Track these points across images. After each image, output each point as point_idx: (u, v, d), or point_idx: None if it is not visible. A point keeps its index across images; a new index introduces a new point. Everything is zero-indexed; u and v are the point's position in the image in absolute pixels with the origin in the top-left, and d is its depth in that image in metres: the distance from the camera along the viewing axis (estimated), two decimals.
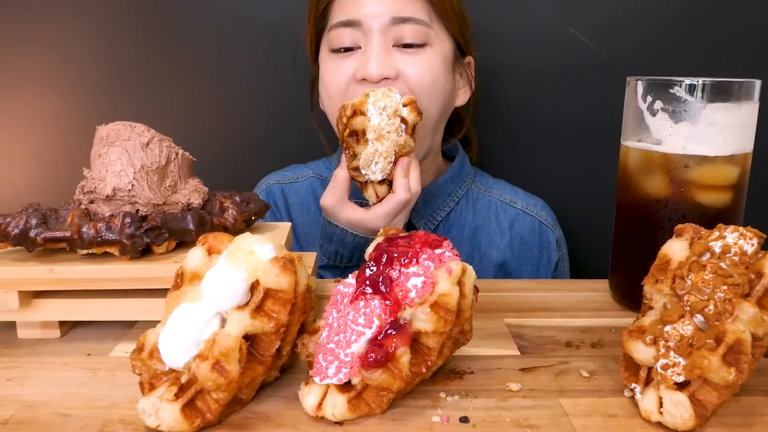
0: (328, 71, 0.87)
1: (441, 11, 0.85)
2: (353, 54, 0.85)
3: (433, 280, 0.45)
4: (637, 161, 0.62)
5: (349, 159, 0.76)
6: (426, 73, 0.84)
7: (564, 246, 0.99)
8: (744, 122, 0.60)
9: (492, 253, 0.96)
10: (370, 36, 0.83)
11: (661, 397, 0.43)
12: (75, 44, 1.08)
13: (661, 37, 1.06)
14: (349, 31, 0.84)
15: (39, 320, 0.58)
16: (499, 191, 0.99)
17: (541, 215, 0.98)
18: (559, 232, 0.99)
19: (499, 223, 0.97)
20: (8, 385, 0.50)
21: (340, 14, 0.85)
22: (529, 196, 1.01)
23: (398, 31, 0.83)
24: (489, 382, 0.50)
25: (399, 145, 0.74)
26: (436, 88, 0.86)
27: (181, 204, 0.61)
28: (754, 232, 0.45)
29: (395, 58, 0.83)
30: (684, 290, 0.44)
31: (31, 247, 0.56)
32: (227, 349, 0.42)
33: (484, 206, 0.98)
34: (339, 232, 0.80)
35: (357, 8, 0.83)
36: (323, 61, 0.89)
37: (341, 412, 0.44)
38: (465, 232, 0.96)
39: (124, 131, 0.59)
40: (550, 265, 0.97)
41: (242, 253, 0.44)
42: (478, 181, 1.00)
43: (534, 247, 0.97)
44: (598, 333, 0.59)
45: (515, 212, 0.98)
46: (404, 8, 0.83)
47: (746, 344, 0.42)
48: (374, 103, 0.73)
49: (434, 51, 0.85)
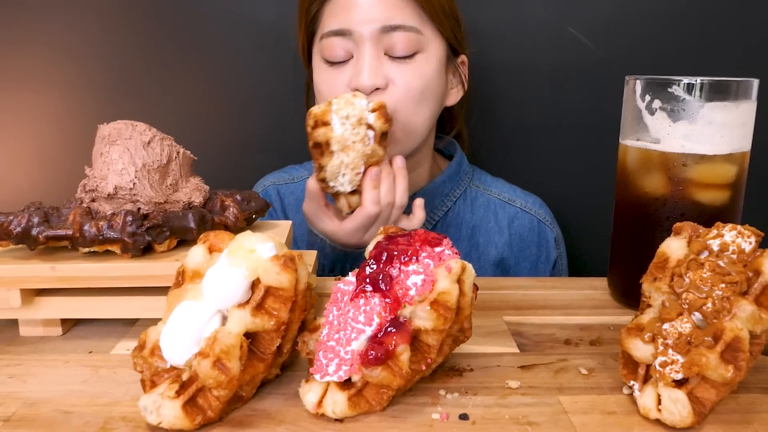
0: (322, 81, 0.87)
1: (432, 14, 0.84)
2: (346, 65, 0.84)
3: (432, 278, 0.45)
4: (636, 160, 0.62)
5: (316, 171, 0.73)
6: (417, 81, 0.83)
7: (562, 244, 0.99)
8: (742, 121, 0.59)
9: (490, 251, 0.96)
10: (362, 46, 0.82)
11: (659, 394, 0.43)
12: (77, 44, 1.07)
13: (660, 36, 1.06)
14: (340, 41, 0.83)
15: (41, 318, 0.58)
16: (498, 189, 0.99)
17: (539, 213, 0.98)
18: (557, 230, 0.99)
19: (497, 222, 0.97)
20: (10, 383, 0.50)
21: (331, 22, 0.84)
22: (527, 194, 1.01)
23: (389, 39, 0.82)
24: (488, 379, 0.50)
25: (366, 155, 0.72)
26: (426, 95, 0.85)
27: (183, 202, 0.61)
28: (751, 230, 0.45)
29: (386, 67, 0.83)
30: (682, 288, 0.44)
31: (33, 245, 0.56)
32: (228, 346, 0.42)
33: (482, 204, 0.98)
34: (319, 242, 0.81)
35: (347, 16, 0.82)
36: (317, 68, 0.88)
37: (341, 410, 0.44)
38: (463, 230, 0.96)
39: (125, 130, 0.59)
40: (549, 263, 0.97)
41: (243, 252, 0.44)
42: (476, 179, 1.00)
43: (532, 245, 0.97)
44: (597, 331, 0.59)
45: (514, 210, 0.98)
46: (394, 16, 0.82)
47: (744, 342, 0.42)
48: (336, 111, 0.70)
49: (426, 57, 0.84)
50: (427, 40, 0.84)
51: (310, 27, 0.89)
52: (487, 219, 0.97)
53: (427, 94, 0.85)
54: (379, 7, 0.82)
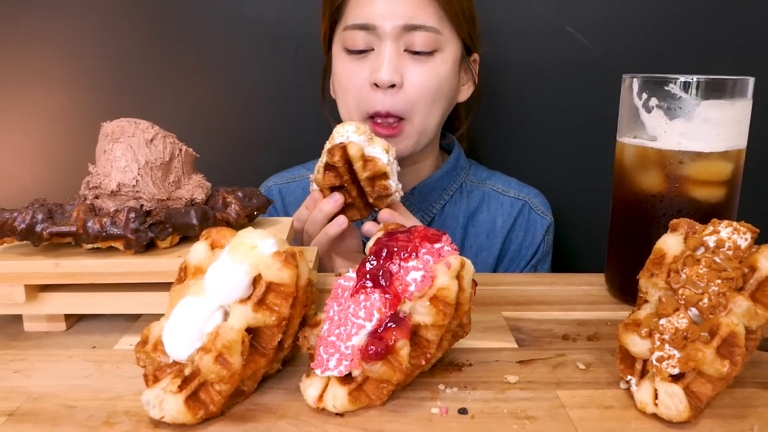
0: (343, 70, 0.88)
1: (452, 16, 0.86)
2: (367, 57, 0.86)
3: (432, 274, 0.44)
4: (633, 157, 0.62)
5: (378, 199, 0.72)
6: (432, 81, 0.86)
7: (551, 233, 0.99)
8: (738, 119, 0.59)
9: (482, 241, 0.97)
10: (383, 41, 0.84)
11: (656, 389, 0.43)
12: (80, 42, 1.07)
13: (657, 36, 1.05)
14: (363, 35, 0.85)
15: (45, 313, 0.57)
16: (492, 182, 1.01)
17: (533, 202, 0.99)
18: (550, 219, 0.99)
19: (490, 212, 0.98)
20: (15, 377, 0.49)
21: (355, 16, 0.86)
22: (523, 185, 1.01)
23: (410, 37, 0.84)
24: (487, 374, 0.50)
25: None
26: (440, 95, 0.87)
27: (185, 199, 0.60)
28: (747, 227, 0.45)
29: (405, 64, 0.85)
30: (679, 284, 0.44)
31: (37, 241, 0.56)
32: (230, 341, 0.42)
33: (477, 197, 0.99)
34: None
35: (372, 12, 0.84)
36: (337, 57, 0.90)
37: (342, 404, 0.44)
38: (459, 222, 0.97)
39: (128, 128, 0.59)
40: (532, 247, 0.98)
41: (245, 248, 0.44)
42: (473, 174, 1.01)
43: (520, 230, 0.98)
44: (595, 326, 0.59)
45: (507, 200, 0.99)
46: (416, 15, 0.84)
47: (740, 337, 0.42)
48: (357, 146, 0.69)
49: (444, 57, 0.87)
50: (445, 40, 0.86)
51: (333, 16, 0.90)
52: (480, 209, 0.98)
53: (441, 93, 0.87)
54: (402, 5, 0.84)
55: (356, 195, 0.72)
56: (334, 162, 0.68)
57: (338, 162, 0.68)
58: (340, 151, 0.68)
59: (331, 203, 0.72)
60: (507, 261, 0.98)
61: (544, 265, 0.99)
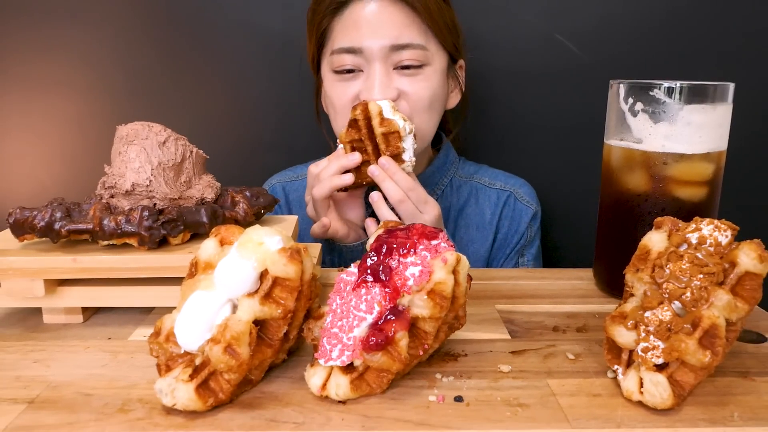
0: (333, 90, 0.87)
1: (437, 32, 0.84)
2: (356, 77, 0.85)
3: (429, 269, 0.44)
4: (620, 159, 0.62)
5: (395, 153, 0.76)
6: (424, 91, 0.84)
7: (537, 222, 0.98)
8: (719, 122, 0.59)
9: (472, 233, 0.96)
10: (372, 62, 0.82)
11: (641, 377, 0.43)
12: (97, 51, 1.07)
13: (642, 43, 1.05)
14: (350, 57, 0.83)
15: (63, 306, 0.57)
16: (479, 175, 1.00)
17: (518, 192, 0.98)
18: (536, 209, 0.98)
19: (478, 205, 0.97)
20: (34, 367, 0.49)
21: (342, 39, 0.84)
22: (510, 176, 1.00)
23: (398, 56, 0.82)
24: (481, 364, 0.50)
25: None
26: (434, 103, 0.86)
27: (196, 198, 0.60)
28: (728, 224, 0.45)
29: (395, 80, 0.83)
30: (663, 278, 0.44)
31: (56, 238, 0.56)
32: (238, 333, 0.42)
33: (465, 191, 0.98)
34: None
35: (358, 35, 0.82)
36: (326, 78, 0.88)
37: (344, 392, 0.44)
38: (450, 216, 0.97)
39: (142, 131, 0.59)
40: (518, 234, 0.97)
41: (252, 244, 0.44)
42: (461, 169, 1.00)
43: (505, 219, 0.97)
44: (583, 318, 0.59)
45: (493, 192, 0.98)
46: (402, 34, 0.82)
47: (721, 329, 0.42)
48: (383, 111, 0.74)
49: (432, 69, 0.85)
50: (432, 54, 0.85)
51: (320, 40, 0.88)
52: (469, 203, 0.98)
53: (435, 102, 0.86)
54: (387, 26, 0.82)
55: (371, 151, 0.77)
56: (356, 115, 0.75)
57: (359, 116, 0.75)
58: (361, 107, 0.75)
59: (348, 158, 0.78)
60: (494, 249, 0.97)
61: (531, 250, 0.97)
